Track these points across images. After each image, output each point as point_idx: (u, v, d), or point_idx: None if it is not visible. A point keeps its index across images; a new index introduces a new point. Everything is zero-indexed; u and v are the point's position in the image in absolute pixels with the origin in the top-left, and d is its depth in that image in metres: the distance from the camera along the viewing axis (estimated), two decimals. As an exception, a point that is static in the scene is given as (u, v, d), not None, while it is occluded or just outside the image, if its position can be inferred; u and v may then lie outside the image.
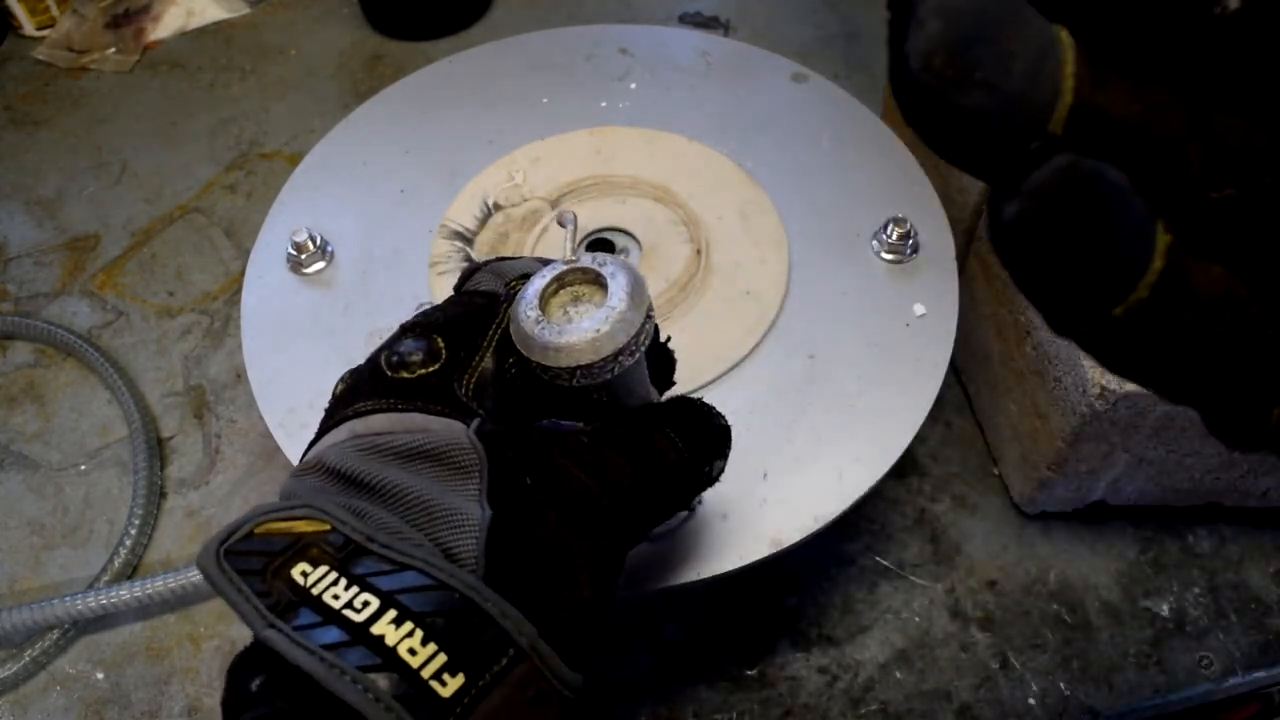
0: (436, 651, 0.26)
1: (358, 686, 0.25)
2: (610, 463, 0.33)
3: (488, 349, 0.36)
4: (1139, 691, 0.58)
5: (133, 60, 0.96)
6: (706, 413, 0.38)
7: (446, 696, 0.25)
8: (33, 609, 0.59)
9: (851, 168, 0.66)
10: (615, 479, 0.33)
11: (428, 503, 0.30)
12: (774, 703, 0.58)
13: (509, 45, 0.75)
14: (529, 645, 0.27)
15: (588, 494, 0.32)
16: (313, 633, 0.26)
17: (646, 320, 0.36)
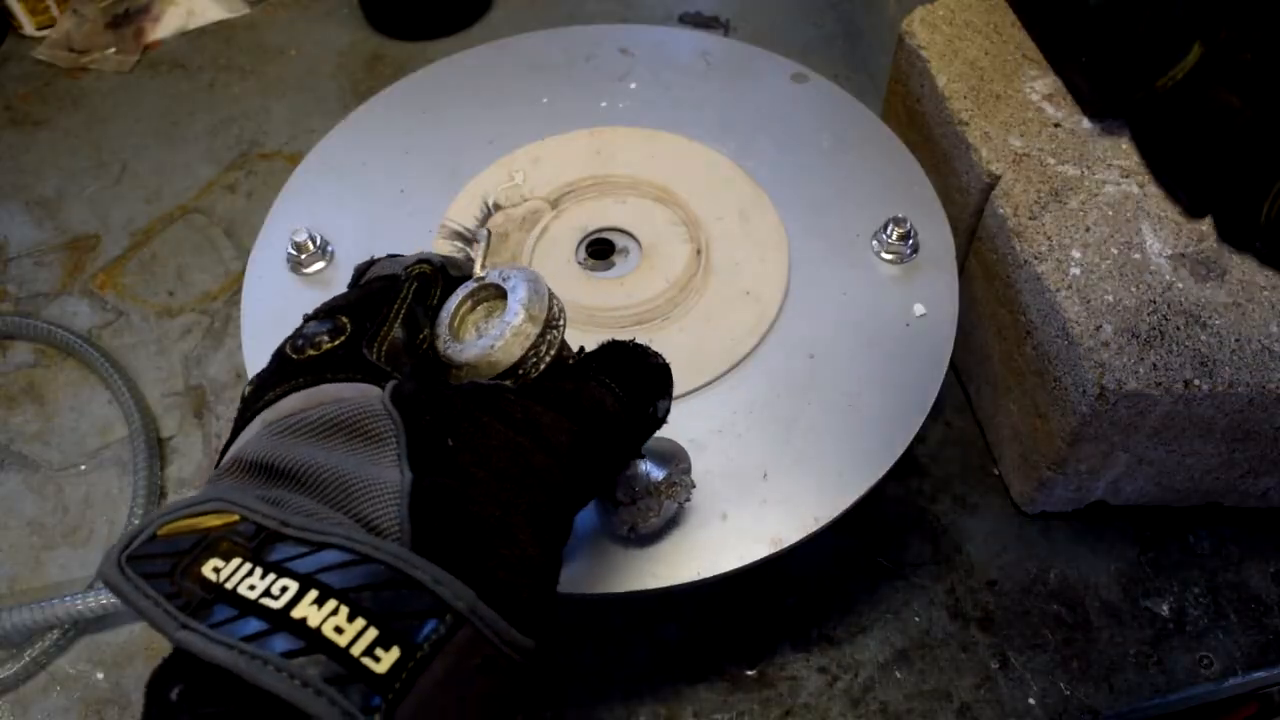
0: (365, 626, 0.24)
1: (283, 674, 0.23)
2: (542, 420, 0.32)
3: (395, 320, 0.36)
4: (1139, 691, 0.58)
5: (133, 60, 0.96)
6: (640, 354, 0.37)
7: (382, 672, 0.24)
8: (33, 609, 0.59)
9: (851, 168, 0.66)
10: (549, 435, 0.31)
11: (343, 478, 0.29)
12: (774, 703, 0.58)
13: (509, 45, 0.75)
14: (468, 609, 0.26)
15: (518, 450, 0.30)
16: (230, 627, 0.24)
17: (548, 330, 0.37)
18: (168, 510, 0.28)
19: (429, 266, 0.39)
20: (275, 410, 0.32)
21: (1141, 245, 0.60)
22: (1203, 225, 0.61)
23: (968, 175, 0.66)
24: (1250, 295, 0.57)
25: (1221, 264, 0.59)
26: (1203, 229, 0.61)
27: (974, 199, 0.66)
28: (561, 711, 0.58)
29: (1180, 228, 0.61)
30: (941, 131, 0.69)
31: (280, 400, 0.32)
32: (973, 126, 0.66)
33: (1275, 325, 0.56)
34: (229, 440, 0.34)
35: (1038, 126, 0.65)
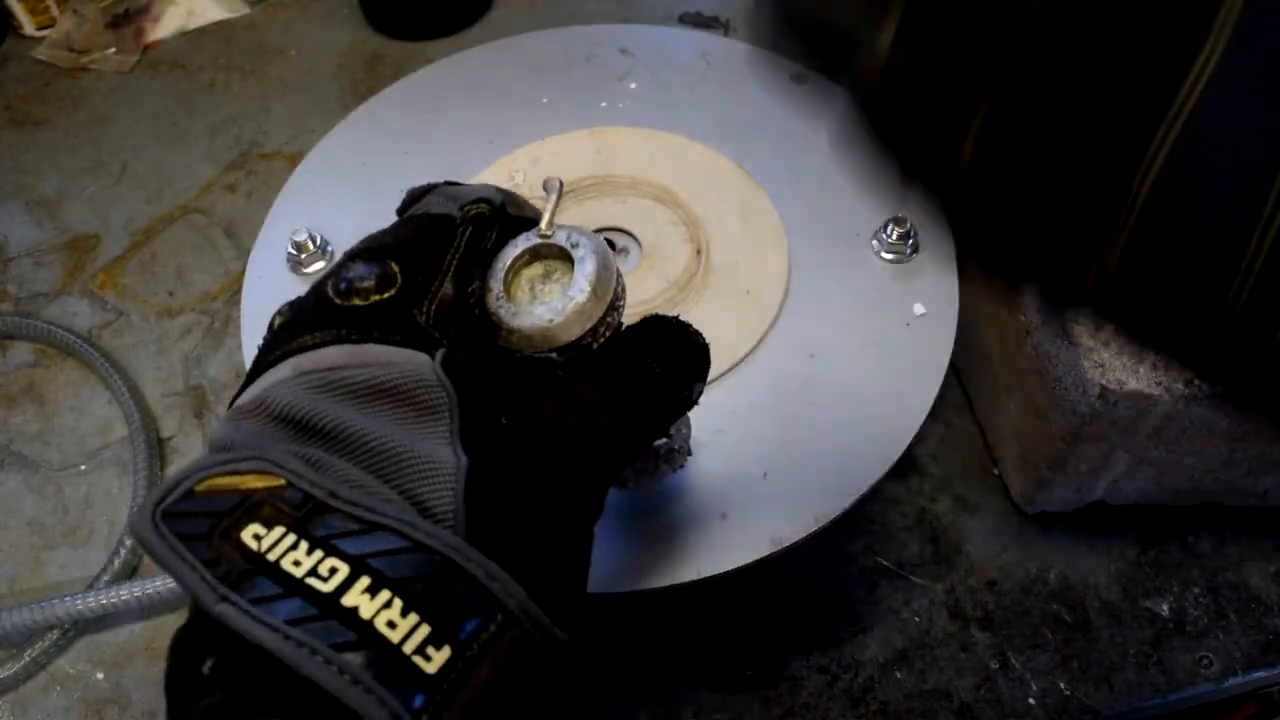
0: (419, 623, 0.23)
1: (332, 668, 0.22)
2: (586, 398, 0.30)
3: (446, 274, 0.33)
4: (1139, 691, 0.58)
5: (133, 60, 0.96)
6: (684, 332, 0.36)
7: (432, 673, 0.23)
8: (33, 609, 0.59)
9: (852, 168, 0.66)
10: (593, 415, 0.30)
11: (395, 450, 0.26)
12: (774, 703, 0.58)
13: (509, 45, 0.75)
14: (519, 608, 0.24)
15: (567, 434, 0.29)
16: (273, 606, 0.23)
17: (610, 312, 0.35)
18: (204, 465, 0.25)
19: (488, 207, 0.36)
20: (313, 359, 0.29)
21: (1141, 245, 0.60)
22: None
23: (968, 175, 0.67)
24: (1250, 295, 0.57)
25: (1221, 264, 0.59)
26: (1203, 229, 0.61)
27: (974, 199, 0.66)
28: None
29: (1180, 228, 0.61)
30: (941, 131, 0.70)
31: (319, 349, 0.30)
32: (973, 126, 0.66)
33: (1275, 325, 0.56)
34: (251, 372, 0.31)
35: (1038, 126, 0.65)
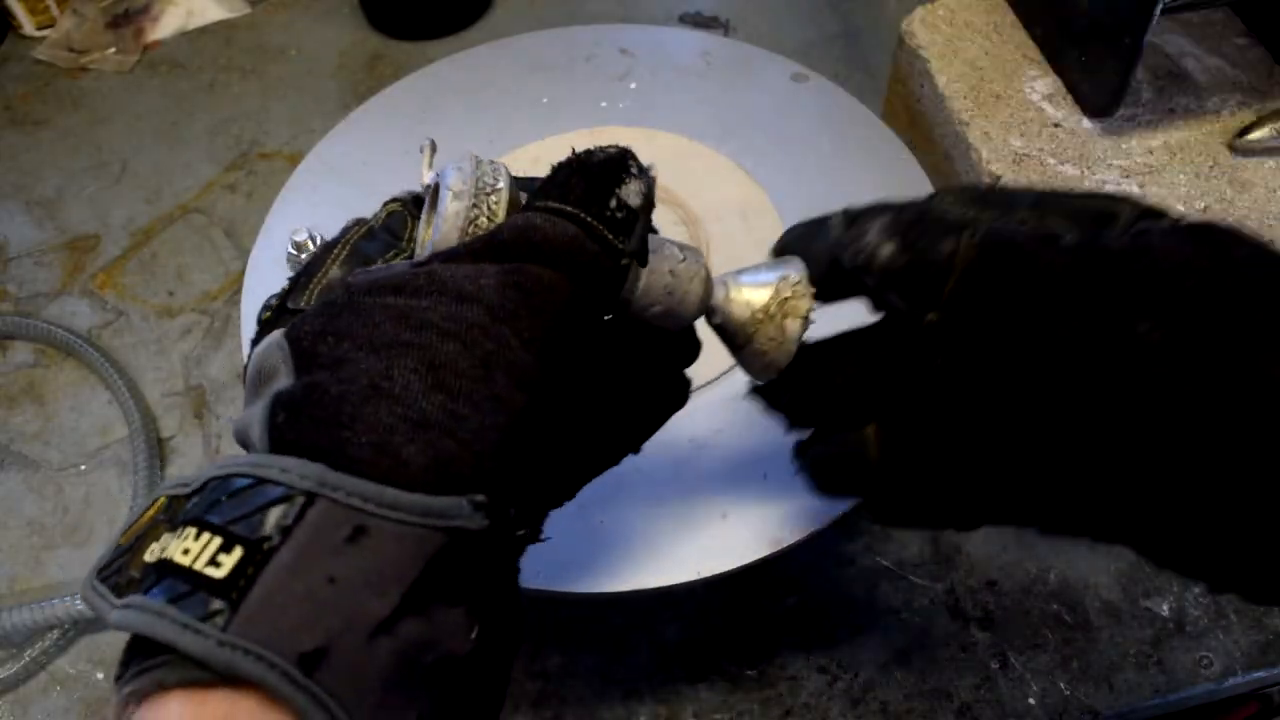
0: (210, 540, 0.24)
1: (148, 615, 0.23)
2: (447, 275, 0.29)
3: (330, 264, 0.34)
4: (1139, 691, 0.58)
5: (133, 60, 0.96)
6: (577, 160, 0.33)
7: (222, 576, 0.23)
8: (33, 609, 0.59)
9: (851, 168, 0.66)
10: (460, 285, 0.28)
11: (243, 422, 0.29)
12: (774, 703, 0.58)
13: (509, 45, 0.75)
14: (316, 484, 0.24)
15: (408, 313, 0.28)
16: (151, 594, 0.24)
17: (480, 199, 0.33)
18: (129, 521, 0.28)
19: (398, 204, 0.37)
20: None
21: (1141, 245, 0.60)
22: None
23: (968, 175, 0.66)
24: (1250, 295, 0.57)
25: (1221, 264, 0.59)
26: (1203, 229, 0.61)
27: (974, 199, 0.66)
28: (561, 712, 0.58)
29: (1180, 228, 0.61)
30: (941, 131, 0.69)
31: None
32: (973, 126, 0.66)
33: (1275, 325, 0.56)
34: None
35: (1038, 126, 0.65)
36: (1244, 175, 0.63)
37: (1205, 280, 0.27)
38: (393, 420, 0.25)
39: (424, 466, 0.25)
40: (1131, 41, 0.59)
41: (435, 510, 0.25)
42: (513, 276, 0.29)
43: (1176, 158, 0.64)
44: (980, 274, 0.30)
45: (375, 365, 0.26)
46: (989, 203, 0.34)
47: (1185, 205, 0.61)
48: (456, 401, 0.26)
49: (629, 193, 0.32)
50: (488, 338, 0.27)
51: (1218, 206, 0.61)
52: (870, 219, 0.33)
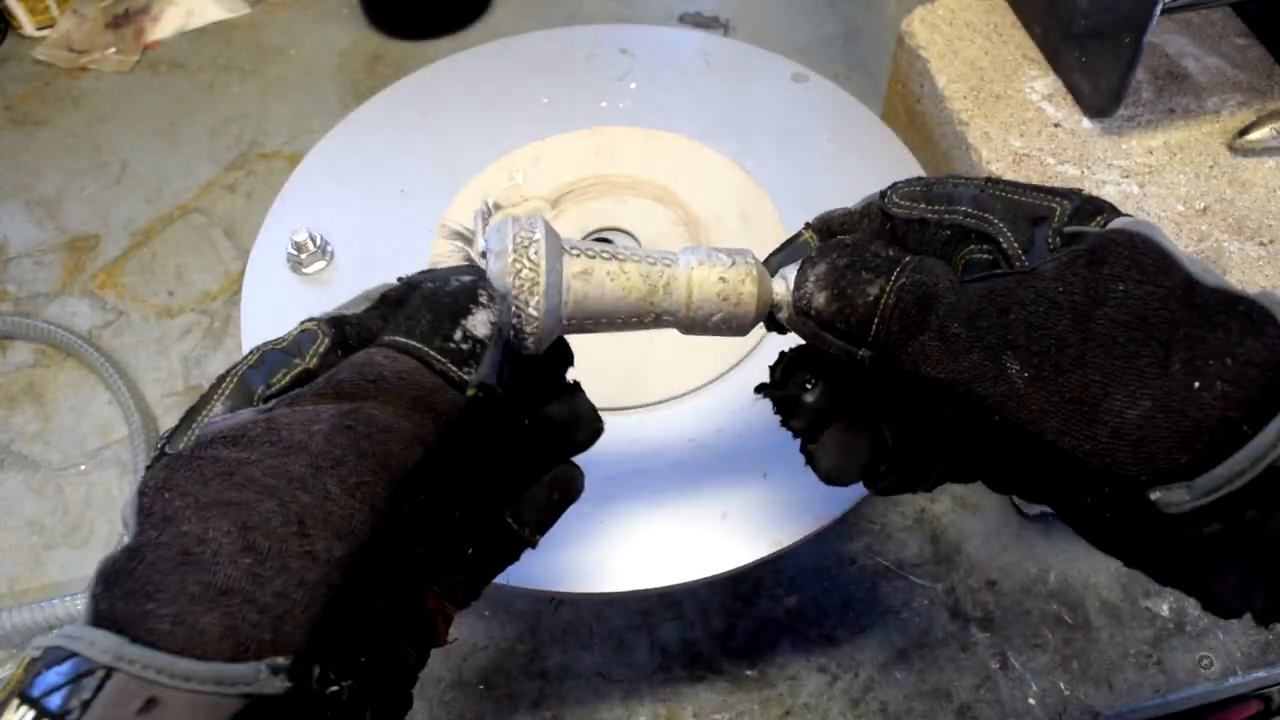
0: (26, 712, 0.25)
1: None
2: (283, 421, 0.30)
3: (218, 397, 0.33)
4: (1139, 691, 0.58)
5: (133, 60, 0.96)
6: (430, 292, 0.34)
7: None
8: (33, 609, 0.59)
9: (851, 168, 0.66)
10: (291, 434, 0.29)
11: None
12: (774, 703, 0.58)
13: (509, 45, 0.75)
14: (113, 658, 0.25)
15: (231, 468, 0.29)
16: None
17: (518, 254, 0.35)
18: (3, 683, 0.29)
19: (312, 323, 0.36)
20: None
21: (1141, 245, 0.60)
22: (1203, 225, 0.61)
23: (968, 175, 0.66)
24: (1250, 295, 0.57)
25: (1221, 264, 0.59)
26: (1202, 229, 0.61)
27: (974, 199, 0.66)
28: (561, 712, 0.58)
29: (1180, 228, 0.61)
30: (941, 131, 0.69)
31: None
32: (973, 126, 0.66)
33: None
34: None
35: (1038, 126, 0.65)
36: (1244, 175, 0.63)
37: (1076, 321, 0.31)
38: (197, 589, 0.27)
39: (219, 635, 0.26)
40: (1131, 41, 0.59)
41: (229, 678, 0.26)
42: (345, 420, 0.30)
43: (1176, 158, 0.64)
44: (897, 315, 0.34)
45: (194, 528, 0.28)
46: (933, 198, 0.38)
47: (1185, 205, 0.62)
48: (264, 564, 0.27)
49: (476, 323, 0.32)
50: (306, 490, 0.28)
51: (1218, 206, 0.61)
52: (816, 262, 0.37)
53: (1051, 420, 0.31)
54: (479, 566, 0.38)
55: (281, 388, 0.33)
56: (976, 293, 0.33)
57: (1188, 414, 0.29)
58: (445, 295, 0.33)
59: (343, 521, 0.29)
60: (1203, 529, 0.30)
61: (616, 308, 0.37)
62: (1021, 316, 0.32)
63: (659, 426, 0.55)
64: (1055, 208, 0.35)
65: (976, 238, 0.37)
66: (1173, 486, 0.29)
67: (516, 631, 0.60)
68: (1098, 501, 0.33)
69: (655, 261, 0.38)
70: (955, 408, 0.34)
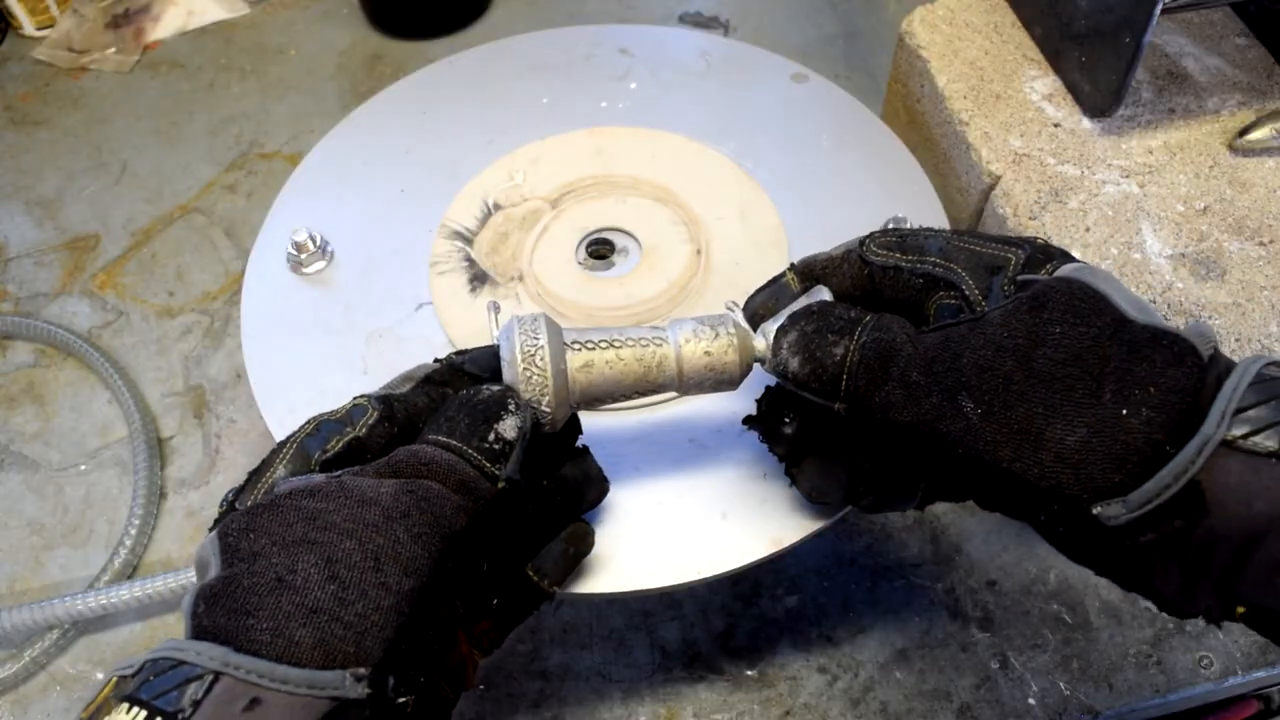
0: (138, 712, 0.29)
1: None
2: (351, 484, 0.35)
3: (280, 461, 0.38)
4: (1139, 691, 0.58)
5: (133, 60, 0.96)
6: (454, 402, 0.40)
7: None
8: (33, 609, 0.59)
9: (851, 168, 0.66)
10: (363, 493, 0.35)
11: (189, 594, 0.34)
12: (774, 703, 0.58)
13: (509, 45, 0.75)
14: (220, 664, 0.29)
15: (314, 514, 0.34)
16: None
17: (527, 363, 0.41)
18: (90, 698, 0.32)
19: (365, 399, 0.41)
20: None
21: (1141, 245, 0.60)
22: (1203, 225, 0.61)
23: (968, 175, 0.66)
24: (1250, 295, 0.57)
25: (1221, 264, 0.59)
26: (1202, 229, 0.61)
27: (974, 199, 0.66)
28: (561, 712, 0.58)
29: (1180, 228, 0.61)
30: (941, 131, 0.69)
31: None
32: (973, 126, 0.66)
33: (1275, 325, 0.56)
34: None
35: (1038, 126, 0.65)
36: (1244, 175, 0.63)
37: (1020, 362, 0.35)
38: (290, 608, 0.31)
39: (312, 646, 0.31)
40: (1131, 41, 0.59)
41: (319, 683, 0.30)
42: (408, 486, 0.36)
43: (1176, 158, 0.64)
44: (862, 370, 0.39)
45: (283, 560, 0.32)
46: (907, 248, 0.43)
47: (1185, 205, 0.62)
48: (347, 590, 0.32)
49: (505, 427, 0.39)
50: (380, 534, 0.34)
51: (1218, 206, 0.61)
52: (787, 330, 0.42)
53: (1004, 450, 0.35)
54: (503, 615, 0.42)
55: (336, 453, 0.38)
56: (932, 342, 0.38)
57: (1118, 438, 0.33)
58: (479, 402, 0.39)
59: (410, 562, 0.34)
60: (1139, 538, 0.34)
61: (617, 389, 0.43)
62: (973, 360, 0.36)
63: (659, 426, 0.55)
64: (1010, 257, 0.40)
65: (944, 285, 0.42)
66: (1110, 502, 0.33)
67: (516, 631, 0.60)
68: (1051, 518, 0.37)
69: (648, 343, 0.43)
70: (923, 445, 0.38)
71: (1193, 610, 0.36)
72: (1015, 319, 0.36)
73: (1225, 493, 0.32)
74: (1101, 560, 0.37)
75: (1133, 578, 0.36)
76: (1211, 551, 0.33)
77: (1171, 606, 0.36)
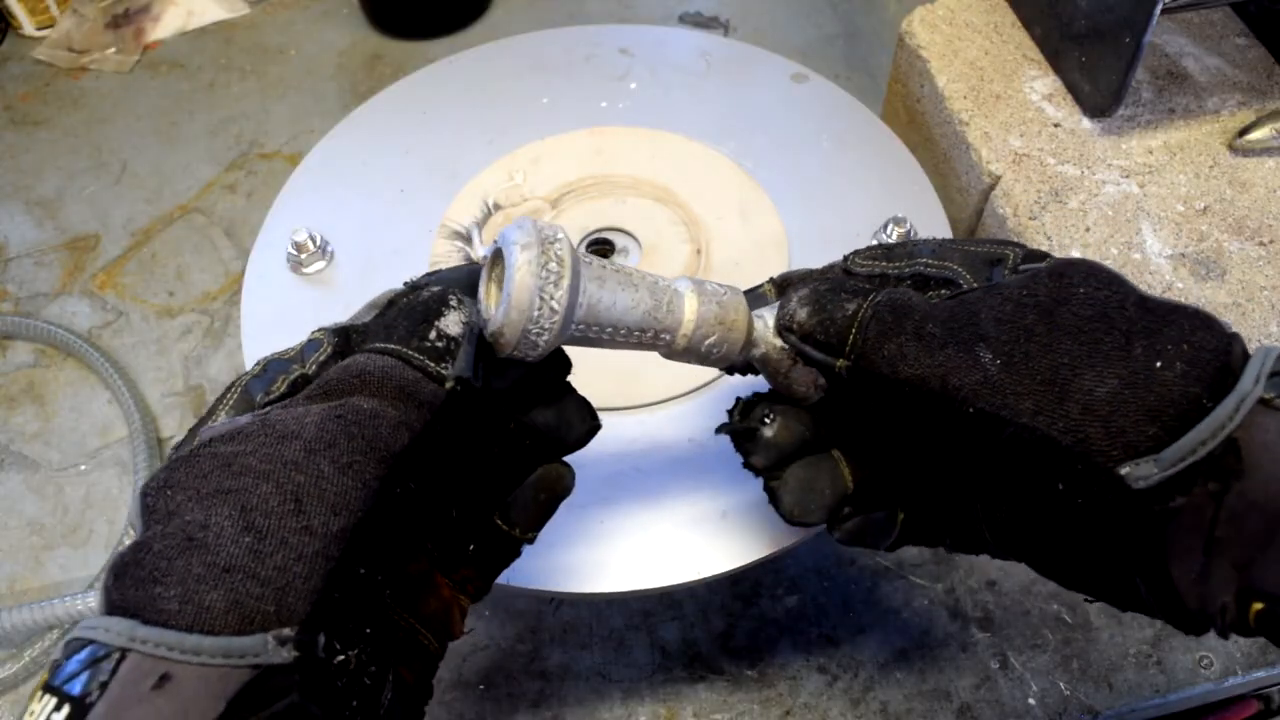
0: (48, 700, 0.27)
1: None
2: (278, 418, 0.31)
3: (222, 407, 0.35)
4: (1139, 691, 0.58)
5: (133, 60, 0.96)
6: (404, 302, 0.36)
7: None
8: (33, 609, 0.59)
9: (851, 168, 0.66)
10: (286, 427, 0.31)
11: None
12: (774, 703, 0.58)
13: (509, 45, 0.75)
14: (126, 640, 0.27)
15: (228, 461, 0.30)
16: None
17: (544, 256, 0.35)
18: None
19: (321, 333, 0.37)
20: None
21: (1141, 245, 0.60)
22: (1203, 225, 0.61)
23: (968, 175, 0.66)
24: (1250, 295, 0.57)
25: (1221, 264, 0.59)
26: (1202, 229, 0.61)
27: (974, 199, 0.66)
28: (561, 712, 0.58)
29: (1180, 228, 0.61)
30: (941, 131, 0.69)
31: None
32: (973, 126, 0.66)
33: (1275, 325, 0.56)
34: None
35: (1038, 126, 0.65)
36: (1244, 175, 0.63)
37: (1042, 315, 0.34)
38: (201, 569, 0.28)
39: (225, 610, 0.28)
40: (1131, 41, 0.59)
41: (235, 650, 0.27)
42: (335, 410, 0.32)
43: (1176, 158, 0.64)
44: (874, 323, 0.36)
45: (196, 516, 0.29)
46: (894, 256, 0.42)
47: (1185, 205, 0.62)
48: (263, 541, 0.29)
49: (448, 323, 0.35)
50: (300, 472, 0.30)
51: (1218, 206, 0.61)
52: (800, 287, 0.40)
53: (1025, 402, 0.33)
54: (482, 563, 0.39)
55: (280, 394, 0.34)
56: (947, 303, 0.36)
57: (1152, 390, 0.31)
58: (418, 303, 0.35)
59: (337, 498, 0.30)
60: (1168, 502, 0.31)
61: (624, 318, 0.38)
62: (992, 315, 0.35)
63: (659, 426, 0.55)
64: (1009, 253, 0.39)
65: (936, 284, 0.40)
66: (1140, 461, 0.31)
67: (516, 631, 0.60)
68: (1069, 486, 0.34)
69: (659, 281, 0.39)
70: (929, 405, 0.35)
71: (1207, 610, 0.33)
72: (1035, 282, 0.35)
73: (1263, 453, 0.30)
74: (1105, 560, 0.35)
75: (1144, 566, 0.34)
76: (1242, 522, 0.31)
77: (1179, 612, 0.34)
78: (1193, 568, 0.32)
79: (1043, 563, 0.38)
